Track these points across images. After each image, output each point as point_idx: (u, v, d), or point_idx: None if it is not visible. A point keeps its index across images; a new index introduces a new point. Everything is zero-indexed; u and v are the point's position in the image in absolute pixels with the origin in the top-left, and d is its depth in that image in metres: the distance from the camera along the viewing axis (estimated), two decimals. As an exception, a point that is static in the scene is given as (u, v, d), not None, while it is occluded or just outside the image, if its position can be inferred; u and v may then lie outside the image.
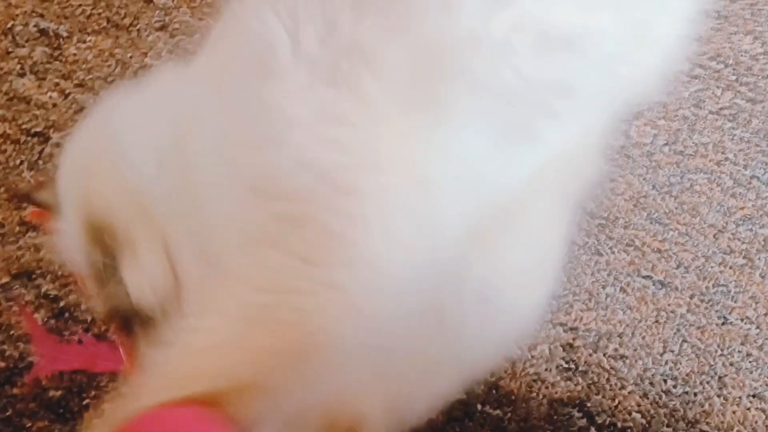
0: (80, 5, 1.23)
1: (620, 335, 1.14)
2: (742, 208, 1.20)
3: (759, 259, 1.17)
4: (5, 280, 1.11)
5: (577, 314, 1.14)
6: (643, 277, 1.16)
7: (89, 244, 0.79)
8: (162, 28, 1.23)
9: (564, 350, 1.12)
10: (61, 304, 1.12)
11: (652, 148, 1.22)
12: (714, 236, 1.19)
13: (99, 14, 1.23)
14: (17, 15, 1.22)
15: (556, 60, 0.74)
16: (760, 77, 1.27)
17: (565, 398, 1.08)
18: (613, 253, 1.17)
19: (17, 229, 1.13)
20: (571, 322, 1.14)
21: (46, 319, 1.10)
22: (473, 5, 0.70)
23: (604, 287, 1.16)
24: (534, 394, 1.08)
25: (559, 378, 1.09)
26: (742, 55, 1.28)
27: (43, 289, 1.11)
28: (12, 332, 1.09)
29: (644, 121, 1.24)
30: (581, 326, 1.14)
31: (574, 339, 1.13)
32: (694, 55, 1.24)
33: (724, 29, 1.29)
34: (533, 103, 0.74)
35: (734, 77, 1.26)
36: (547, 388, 1.08)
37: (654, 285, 1.16)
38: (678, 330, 1.14)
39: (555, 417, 1.07)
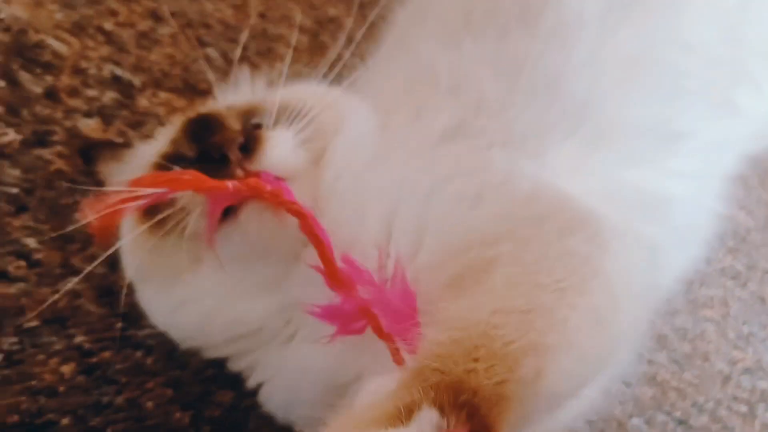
0: (158, 62, 1.20)
1: (645, 466, 1.15)
2: (743, 360, 1.29)
3: (758, 408, 1.25)
4: (34, 324, 0.99)
5: (607, 442, 1.15)
6: (665, 412, 1.20)
7: None
8: (237, 99, 1.21)
9: (595, 477, 1.12)
10: (93, 359, 1.00)
11: (669, 295, 1.31)
12: (722, 382, 1.26)
13: (176, 74, 1.20)
14: (92, 58, 1.17)
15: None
16: (752, 247, 1.41)
17: None
18: (638, 385, 1.21)
19: (57, 270, 1.02)
20: (602, 448, 1.15)
21: (74, 374, 0.97)
22: None
23: (630, 417, 1.18)
24: None
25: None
26: (738, 227, 1.43)
27: (75, 340, 0.99)
28: (33, 383, 0.95)
29: (661, 269, 1.34)
30: (611, 454, 1.15)
31: (604, 465, 1.13)
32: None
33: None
34: None
35: (733, 243, 1.40)
36: None
37: (673, 421, 1.20)
38: (694, 468, 1.17)
39: None
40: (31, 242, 1.02)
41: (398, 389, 0.62)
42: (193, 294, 0.84)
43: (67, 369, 0.97)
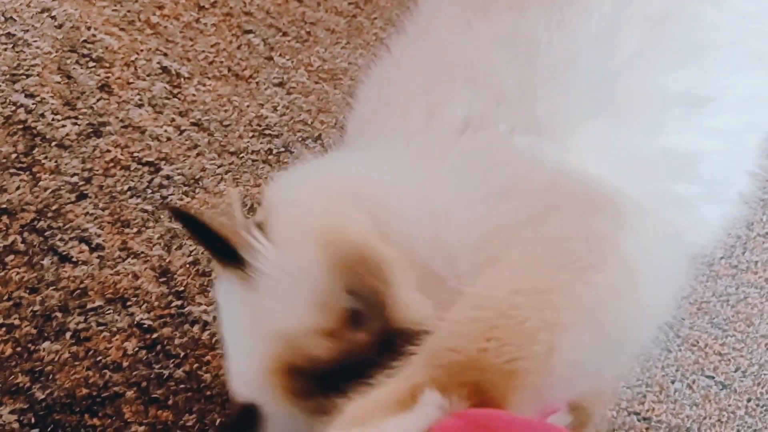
0: (203, 51, 1.22)
1: (688, 430, 1.14)
2: (788, 324, 1.26)
3: (804, 373, 1.22)
4: (99, 303, 1.03)
5: (649, 405, 1.14)
6: (707, 376, 1.18)
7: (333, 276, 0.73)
8: (280, 84, 1.22)
9: (638, 439, 1.11)
10: (154, 335, 1.03)
11: (711, 260, 1.28)
12: (766, 346, 1.23)
13: (221, 62, 1.22)
14: (141, 50, 1.19)
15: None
16: (799, 210, 1.37)
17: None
18: (680, 350, 1.20)
19: (117, 253, 1.06)
20: (644, 412, 1.14)
21: (136, 349, 1.01)
22: None
23: (672, 382, 1.17)
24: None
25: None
26: (781, 190, 1.39)
27: (136, 318, 1.03)
28: (99, 359, 1.00)
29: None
30: (653, 417, 1.13)
31: (647, 429, 1.13)
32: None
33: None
34: None
35: (777, 207, 1.36)
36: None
37: (716, 385, 1.18)
38: (738, 431, 1.16)
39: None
40: (91, 227, 1.06)
41: (411, 368, 0.62)
42: None
43: (129, 345, 1.00)
